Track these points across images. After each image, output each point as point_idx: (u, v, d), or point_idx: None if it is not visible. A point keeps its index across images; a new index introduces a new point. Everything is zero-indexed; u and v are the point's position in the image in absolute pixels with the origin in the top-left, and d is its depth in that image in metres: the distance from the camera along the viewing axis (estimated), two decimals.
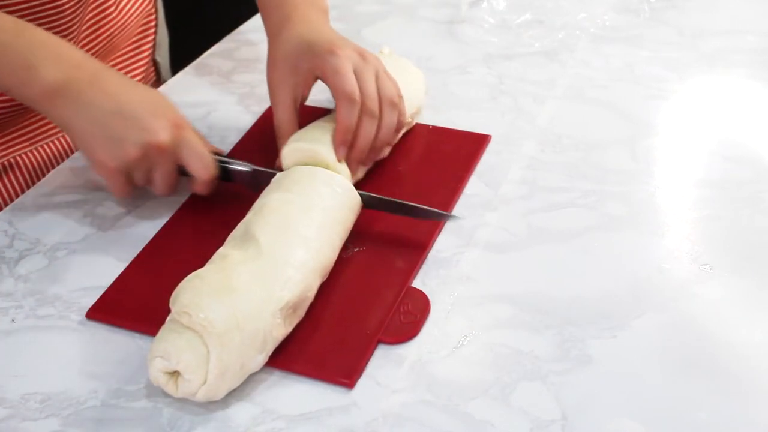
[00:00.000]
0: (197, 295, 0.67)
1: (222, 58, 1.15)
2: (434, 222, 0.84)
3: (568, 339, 0.73)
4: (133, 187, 0.84)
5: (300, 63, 0.87)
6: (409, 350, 0.72)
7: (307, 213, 0.76)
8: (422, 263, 0.81)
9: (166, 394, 0.69)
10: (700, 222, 0.85)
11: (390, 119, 0.87)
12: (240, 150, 0.96)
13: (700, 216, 0.86)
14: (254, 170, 0.85)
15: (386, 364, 0.71)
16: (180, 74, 1.12)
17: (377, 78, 0.86)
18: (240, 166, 0.85)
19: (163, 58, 1.20)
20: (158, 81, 1.19)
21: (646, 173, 0.92)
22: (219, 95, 1.07)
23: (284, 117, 0.88)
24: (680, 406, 0.67)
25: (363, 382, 0.70)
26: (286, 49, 0.89)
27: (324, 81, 0.86)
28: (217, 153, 0.85)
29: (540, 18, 1.22)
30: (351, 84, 0.84)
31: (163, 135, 0.80)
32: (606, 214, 0.86)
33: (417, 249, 0.82)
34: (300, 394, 0.69)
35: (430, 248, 0.82)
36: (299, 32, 0.89)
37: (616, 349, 0.72)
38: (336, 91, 0.84)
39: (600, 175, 0.91)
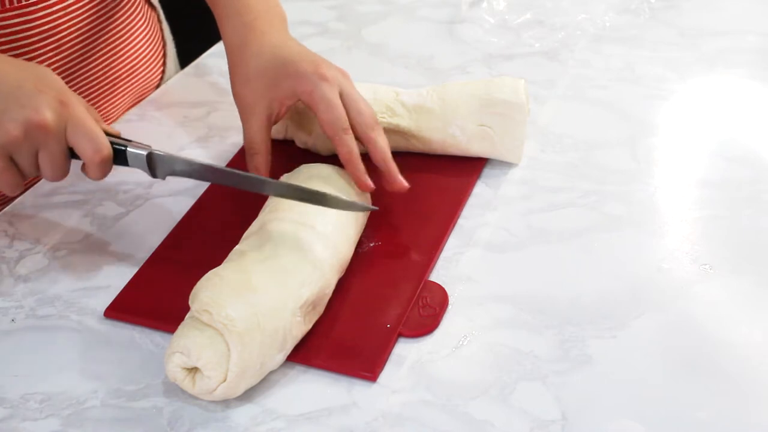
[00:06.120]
0: (217, 293, 0.67)
1: (222, 58, 1.14)
2: (449, 216, 0.85)
3: (568, 339, 0.73)
4: (20, 178, 0.74)
5: (280, 81, 0.83)
6: (409, 350, 0.72)
7: (322, 210, 0.77)
8: (438, 257, 0.81)
9: (166, 394, 0.69)
10: (700, 222, 0.85)
11: (382, 133, 0.84)
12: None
13: (700, 216, 0.86)
14: (150, 153, 0.77)
15: (386, 364, 0.71)
16: (180, 74, 1.12)
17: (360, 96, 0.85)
18: (137, 149, 0.76)
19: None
20: None
21: (646, 173, 0.92)
22: (219, 95, 1.07)
23: (259, 135, 0.85)
24: (680, 406, 0.67)
25: (363, 381, 0.70)
26: (259, 64, 0.85)
27: (310, 107, 0.83)
28: (111, 134, 0.76)
29: (540, 18, 1.22)
30: (341, 116, 0.81)
31: (46, 112, 0.71)
32: (606, 214, 0.86)
33: (433, 242, 0.82)
34: (300, 394, 0.69)
35: (446, 242, 0.83)
36: (270, 45, 0.85)
37: (616, 349, 0.72)
38: (327, 125, 0.82)
39: (600, 175, 0.91)
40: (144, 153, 0.76)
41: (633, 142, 0.96)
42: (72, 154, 0.74)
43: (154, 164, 0.77)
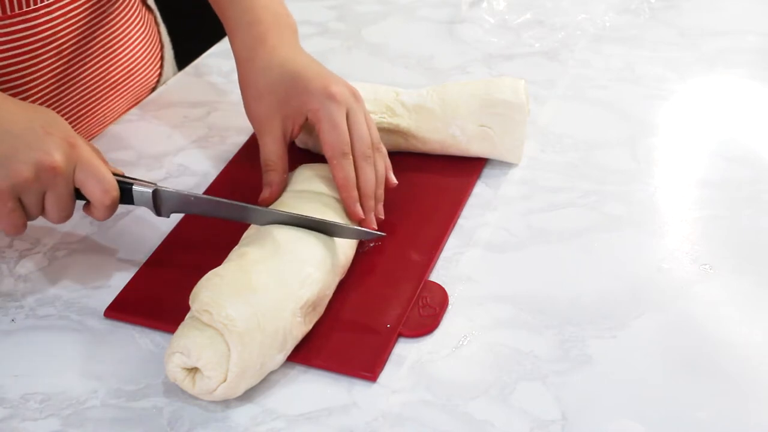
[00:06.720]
0: (218, 293, 0.67)
1: (222, 58, 1.15)
2: (449, 216, 0.85)
3: (568, 339, 0.73)
4: (25, 220, 0.74)
5: (290, 98, 0.82)
6: (409, 350, 0.72)
7: (321, 210, 0.77)
8: (438, 257, 0.81)
9: (166, 394, 0.69)
10: (700, 222, 0.85)
11: (379, 162, 0.83)
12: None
13: (700, 216, 0.86)
14: (156, 190, 0.77)
15: (386, 364, 0.71)
16: (180, 74, 1.12)
17: (366, 119, 0.82)
18: (143, 187, 0.76)
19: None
20: None
21: (646, 173, 0.92)
22: (219, 95, 1.07)
23: (276, 150, 0.83)
24: (680, 406, 0.67)
25: (363, 381, 0.70)
26: (269, 79, 0.83)
27: (314, 125, 0.82)
28: (116, 174, 0.76)
29: (540, 18, 1.22)
30: (343, 139, 0.80)
31: (56, 154, 0.71)
32: (606, 214, 0.86)
33: (433, 242, 0.82)
34: (300, 394, 0.69)
35: (446, 242, 0.83)
36: (280, 59, 0.83)
37: (616, 349, 0.72)
38: (327, 146, 0.80)
39: (600, 175, 0.91)
40: (149, 190, 0.76)
41: (633, 142, 0.97)
42: (77, 195, 0.74)
43: (159, 200, 0.77)
